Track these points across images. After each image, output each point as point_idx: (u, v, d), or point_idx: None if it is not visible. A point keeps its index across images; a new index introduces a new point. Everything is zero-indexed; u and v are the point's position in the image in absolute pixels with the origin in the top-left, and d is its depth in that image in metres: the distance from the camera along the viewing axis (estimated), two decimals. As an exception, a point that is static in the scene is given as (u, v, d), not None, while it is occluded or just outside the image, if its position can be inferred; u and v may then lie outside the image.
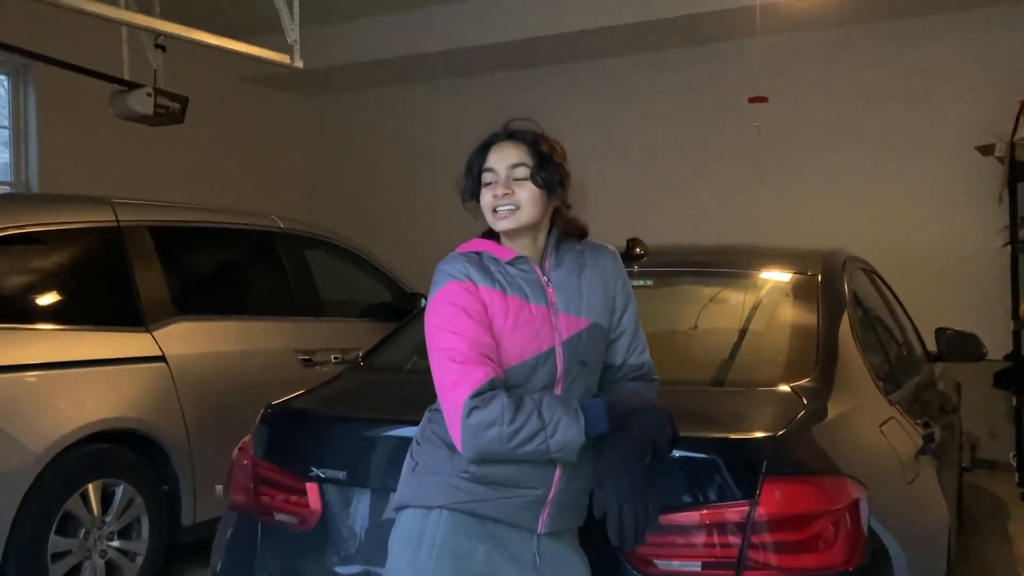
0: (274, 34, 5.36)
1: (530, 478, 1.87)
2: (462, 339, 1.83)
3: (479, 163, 1.98)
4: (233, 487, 2.61)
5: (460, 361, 1.80)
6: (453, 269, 1.92)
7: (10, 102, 6.99)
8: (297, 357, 4.69)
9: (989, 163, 6.20)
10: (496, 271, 1.94)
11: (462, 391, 1.77)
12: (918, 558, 2.31)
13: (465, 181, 2.01)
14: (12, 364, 3.59)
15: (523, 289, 1.93)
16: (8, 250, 3.82)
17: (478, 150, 2.00)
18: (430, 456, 1.95)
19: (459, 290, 1.89)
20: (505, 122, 2.01)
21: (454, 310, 1.87)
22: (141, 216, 4.31)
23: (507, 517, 1.88)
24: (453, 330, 1.84)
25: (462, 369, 1.80)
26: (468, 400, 1.76)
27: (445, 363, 1.82)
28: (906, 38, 6.81)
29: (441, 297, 1.90)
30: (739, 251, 3.57)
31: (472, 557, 1.87)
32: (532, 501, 1.88)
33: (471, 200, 2.01)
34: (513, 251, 1.97)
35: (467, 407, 1.76)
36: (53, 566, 3.59)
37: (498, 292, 1.90)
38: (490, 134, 2.00)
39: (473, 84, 8.36)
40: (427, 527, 1.88)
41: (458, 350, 1.82)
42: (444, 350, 1.84)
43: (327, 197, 9.05)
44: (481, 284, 1.90)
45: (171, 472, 4.06)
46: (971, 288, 6.47)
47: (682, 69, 7.58)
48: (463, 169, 2.02)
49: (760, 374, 2.58)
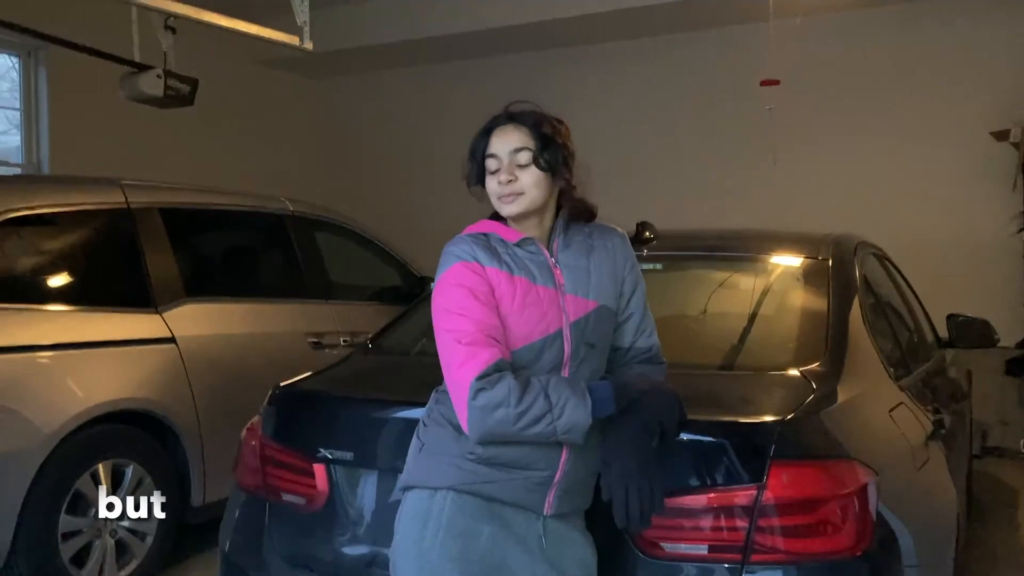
0: (285, 16, 5.35)
1: (536, 460, 1.87)
2: (469, 320, 1.82)
3: (482, 148, 1.96)
4: (241, 467, 2.62)
5: (466, 343, 1.80)
6: (460, 250, 1.91)
7: (22, 84, 7.01)
8: (306, 340, 4.70)
9: (1004, 149, 6.15)
10: (503, 252, 1.93)
11: (468, 372, 1.77)
12: (926, 543, 2.30)
13: (469, 166, 1.99)
14: (24, 344, 3.61)
15: (530, 270, 1.92)
16: (19, 231, 3.82)
17: (480, 134, 1.98)
18: (437, 437, 1.94)
19: (466, 271, 1.88)
20: (506, 104, 1.99)
21: (461, 291, 1.86)
22: (151, 198, 4.32)
23: (513, 499, 1.88)
24: (460, 311, 1.84)
25: (468, 351, 1.79)
26: (474, 381, 1.75)
27: (451, 344, 1.82)
28: (920, 22, 6.75)
29: (448, 278, 1.89)
30: (749, 235, 3.55)
31: (477, 538, 1.87)
32: (539, 483, 1.88)
33: (476, 185, 1.99)
34: (520, 232, 1.96)
35: (473, 388, 1.75)
36: (64, 545, 3.62)
37: (505, 273, 1.89)
38: (491, 117, 1.99)
39: (484, 66, 8.34)
40: (433, 508, 1.88)
41: (465, 331, 1.81)
42: (450, 331, 1.83)
43: (338, 179, 9.06)
44: (488, 265, 1.89)
45: (181, 452, 4.08)
46: (984, 274, 6.44)
47: (695, 52, 7.54)
48: (467, 154, 2.00)
49: (770, 358, 2.57)
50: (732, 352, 2.67)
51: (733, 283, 3.08)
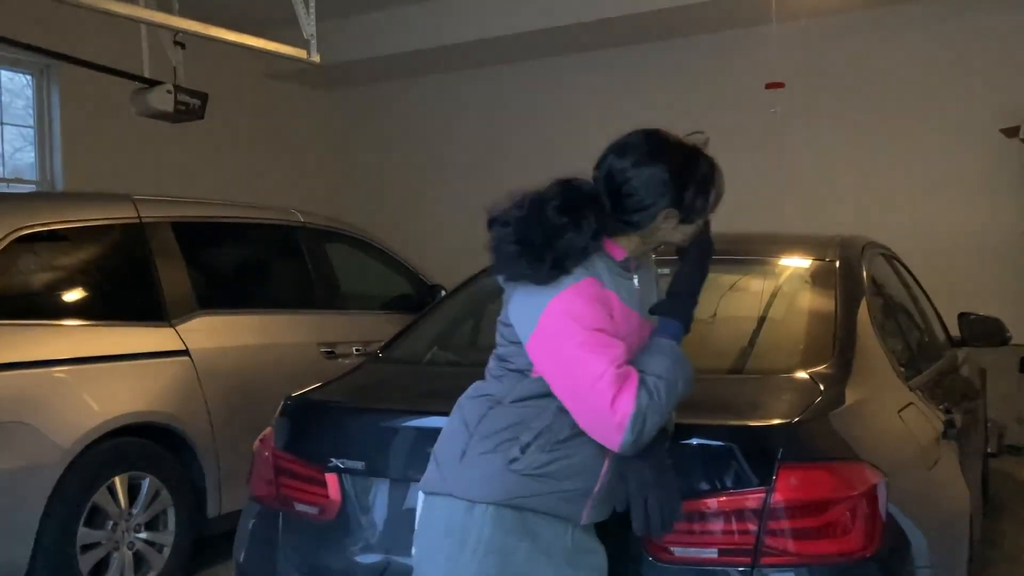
0: (293, 29, 5.39)
1: (580, 471, 1.85)
2: (612, 340, 1.79)
3: (707, 191, 2.00)
4: (254, 478, 2.64)
5: (594, 348, 1.77)
6: (593, 267, 1.86)
7: (35, 102, 7.08)
8: (319, 350, 4.72)
9: (1014, 145, 6.12)
10: (614, 275, 1.91)
11: (608, 373, 1.74)
12: (938, 544, 2.30)
13: (700, 197, 1.99)
14: (40, 360, 3.65)
15: (630, 292, 1.92)
16: (34, 248, 3.86)
17: (712, 176, 2.04)
18: (481, 448, 1.88)
19: (594, 288, 1.84)
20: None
21: (598, 308, 1.82)
22: (162, 212, 4.36)
23: (549, 508, 1.84)
24: (599, 328, 1.79)
25: (601, 353, 1.76)
26: (619, 373, 1.74)
27: (583, 351, 1.77)
28: (926, 21, 6.72)
29: (578, 291, 1.82)
30: (757, 238, 3.55)
31: (514, 556, 1.82)
32: (580, 493, 1.86)
33: (667, 211, 1.93)
34: (624, 251, 1.94)
35: (629, 380, 1.74)
36: (82, 557, 3.65)
37: (612, 293, 1.87)
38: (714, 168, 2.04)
39: (492, 74, 8.36)
40: (471, 523, 1.82)
41: (590, 338, 1.78)
42: (576, 342, 1.78)
43: (350, 191, 9.10)
44: (608, 288, 1.87)
45: (196, 465, 4.11)
46: (996, 272, 6.40)
47: (699, 56, 7.54)
48: (681, 179, 1.97)
49: (778, 361, 2.57)
50: (740, 356, 2.67)
51: (741, 286, 3.08)
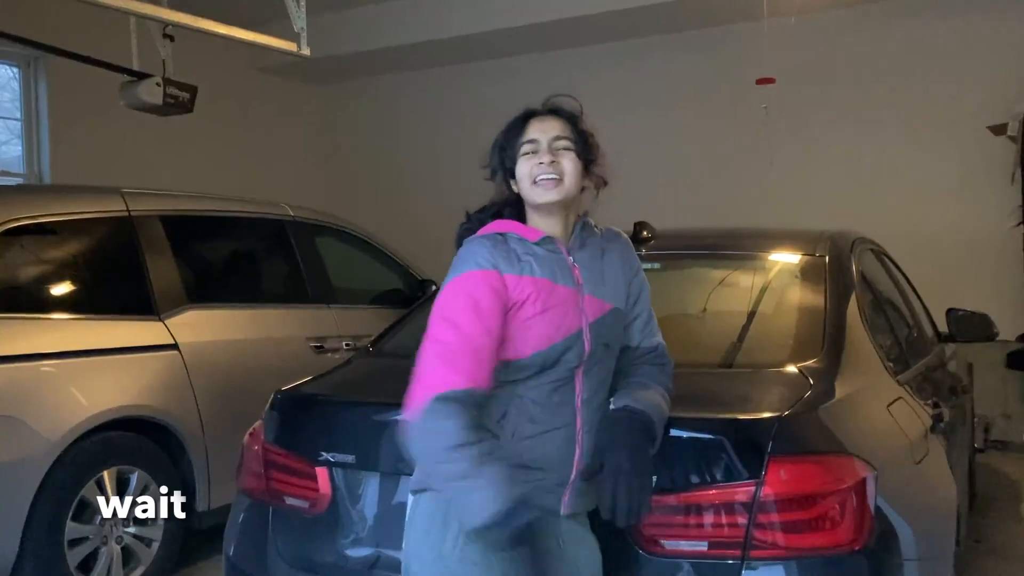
0: (283, 22, 5.37)
1: (554, 460, 1.87)
2: (458, 334, 1.78)
3: (516, 135, 1.92)
4: (244, 472, 2.64)
5: (446, 359, 1.76)
6: (480, 257, 1.85)
7: (22, 94, 7.03)
8: (308, 344, 4.72)
9: (1002, 143, 6.15)
10: (523, 253, 1.88)
11: (431, 388, 1.73)
12: (926, 537, 2.31)
13: (495, 155, 1.96)
14: (28, 353, 3.63)
15: (552, 270, 1.88)
16: (22, 241, 3.84)
17: (516, 122, 1.94)
18: None
19: (478, 280, 1.82)
20: (546, 97, 1.97)
21: (465, 301, 1.81)
22: (152, 205, 4.34)
23: (532, 501, 1.82)
24: (454, 322, 1.79)
25: (443, 367, 1.75)
26: (433, 401, 1.72)
27: (431, 355, 1.79)
28: (915, 17, 6.75)
29: (457, 283, 1.84)
30: (747, 234, 3.57)
31: (496, 545, 1.80)
32: (557, 484, 1.88)
33: (500, 172, 1.95)
34: (540, 231, 1.92)
35: (429, 407, 1.72)
36: (70, 552, 3.64)
37: (527, 277, 1.85)
38: (527, 109, 1.96)
39: (482, 69, 8.36)
40: (451, 513, 1.82)
41: (449, 345, 1.78)
42: (437, 341, 1.80)
43: (338, 183, 9.08)
44: (507, 273, 1.84)
45: (185, 459, 4.10)
46: (984, 268, 6.44)
47: (689, 52, 7.55)
48: (496, 141, 1.96)
49: (767, 355, 2.58)
50: (730, 350, 2.67)
51: (730, 281, 3.09)
